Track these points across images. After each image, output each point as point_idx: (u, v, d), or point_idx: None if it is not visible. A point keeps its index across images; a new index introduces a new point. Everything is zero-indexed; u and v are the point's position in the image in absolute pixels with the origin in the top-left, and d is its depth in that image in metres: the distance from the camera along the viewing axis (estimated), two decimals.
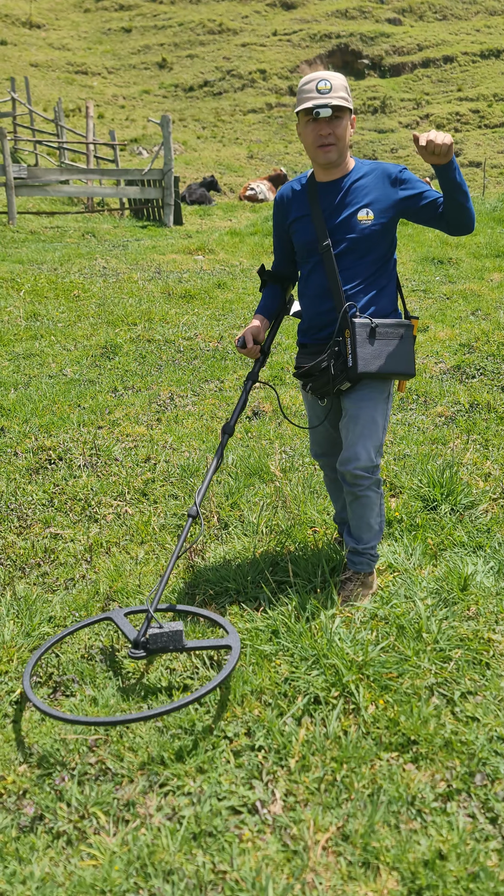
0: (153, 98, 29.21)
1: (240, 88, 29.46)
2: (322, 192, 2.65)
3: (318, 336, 2.74)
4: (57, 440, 4.30)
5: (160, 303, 7.57)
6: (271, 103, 28.21)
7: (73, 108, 25.67)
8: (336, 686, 2.31)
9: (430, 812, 1.93)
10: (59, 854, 1.84)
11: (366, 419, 2.65)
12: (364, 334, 2.57)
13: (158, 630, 2.35)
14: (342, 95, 2.51)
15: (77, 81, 29.54)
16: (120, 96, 29.02)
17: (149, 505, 3.64)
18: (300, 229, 2.70)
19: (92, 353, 6.01)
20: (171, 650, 2.38)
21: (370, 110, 27.24)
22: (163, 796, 2.00)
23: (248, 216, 14.90)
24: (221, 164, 22.34)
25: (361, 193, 2.61)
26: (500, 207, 12.63)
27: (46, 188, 12.78)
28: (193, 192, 17.02)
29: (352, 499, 2.74)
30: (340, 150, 2.57)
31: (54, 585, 3.00)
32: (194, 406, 4.95)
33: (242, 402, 2.80)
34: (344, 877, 1.76)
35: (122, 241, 11.39)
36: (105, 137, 21.36)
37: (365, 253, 2.62)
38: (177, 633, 2.36)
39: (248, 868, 1.78)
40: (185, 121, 27.17)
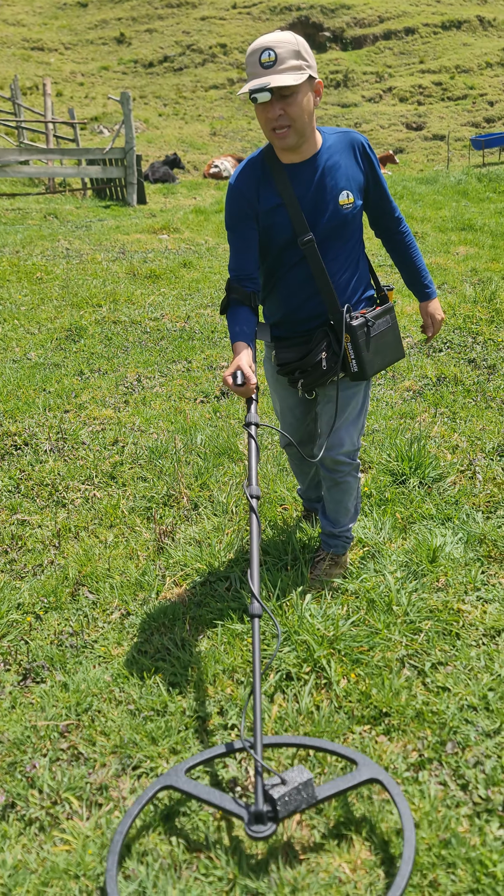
0: (112, 74, 28.68)
1: (200, 64, 29.03)
2: (293, 175, 2.28)
3: (301, 329, 2.50)
4: (22, 425, 4.23)
5: (125, 284, 7.47)
6: (233, 79, 27.86)
7: (31, 86, 25.12)
8: (308, 661, 2.32)
9: (403, 782, 1.95)
10: (32, 841, 1.82)
11: (351, 405, 2.55)
12: (364, 336, 2.41)
13: (284, 789, 1.70)
14: (292, 65, 2.10)
15: (34, 58, 28.89)
16: (78, 73, 28.45)
17: (117, 488, 3.61)
18: (273, 222, 2.33)
19: (56, 336, 5.92)
20: (304, 808, 1.73)
21: (333, 84, 27.01)
22: (136, 779, 1.99)
23: (213, 194, 14.75)
24: (184, 141, 22.05)
25: (338, 173, 2.31)
26: (464, 181, 12.65)
27: (6, 169, 12.51)
28: (156, 170, 16.80)
29: (331, 484, 2.66)
30: (300, 131, 2.19)
31: (22, 572, 2.96)
32: (162, 387, 4.90)
33: (256, 454, 2.24)
34: (318, 849, 1.77)
35: (85, 222, 11.21)
36: (64, 116, 20.95)
37: (348, 238, 2.41)
38: (307, 784, 1.72)
39: (223, 845, 1.78)
40: (146, 98, 26.74)
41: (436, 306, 2.68)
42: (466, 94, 25.05)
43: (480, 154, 19.92)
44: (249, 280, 2.43)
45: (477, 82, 25.52)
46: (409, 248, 2.61)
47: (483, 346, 5.36)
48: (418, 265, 2.63)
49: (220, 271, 8.00)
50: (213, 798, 1.78)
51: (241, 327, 2.38)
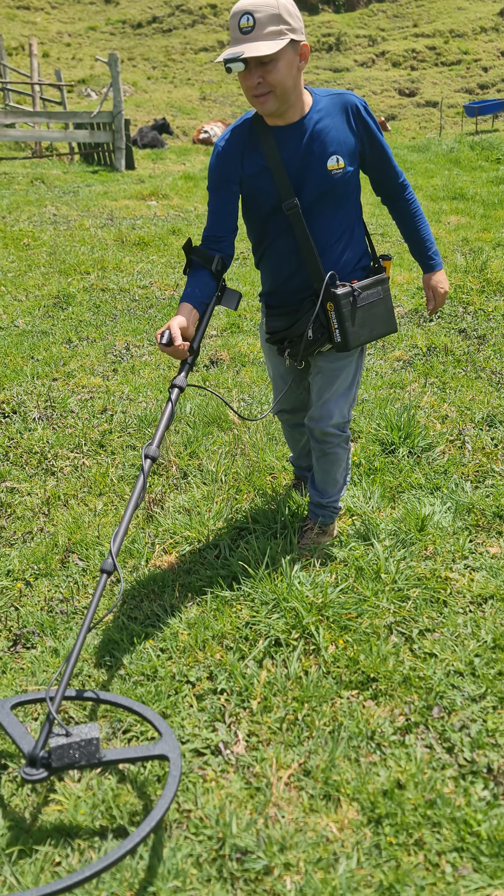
0: (100, 35, 28.05)
1: (190, 25, 28.43)
2: (280, 138, 2.22)
3: (291, 299, 2.47)
4: (10, 393, 4.20)
5: (113, 250, 7.38)
6: (223, 41, 27.31)
7: (16, 46, 24.54)
8: (296, 628, 2.34)
9: (389, 745, 1.98)
10: (24, 802, 1.85)
11: (342, 377, 2.51)
12: (348, 306, 2.34)
13: (65, 740, 1.70)
14: (271, 31, 2.02)
15: (19, 17, 28.17)
16: (65, 33, 27.80)
17: (106, 456, 3.60)
18: (258, 187, 2.28)
19: (44, 304, 5.85)
20: (84, 766, 1.74)
21: (325, 48, 26.55)
22: (126, 742, 2.02)
23: (203, 160, 14.54)
24: (173, 106, 21.66)
25: (328, 137, 2.22)
26: (457, 149, 12.52)
27: None
28: (145, 135, 16.52)
29: (319, 455, 2.65)
30: (281, 97, 2.12)
31: (12, 539, 2.96)
32: (151, 356, 4.87)
33: (168, 418, 2.18)
34: (306, 809, 1.81)
35: (73, 187, 11.03)
36: (51, 77, 20.52)
37: (338, 206, 2.32)
38: (90, 742, 1.72)
39: (212, 806, 1.81)
40: (135, 60, 26.20)
41: (440, 278, 2.58)
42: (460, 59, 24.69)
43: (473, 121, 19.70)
44: (218, 243, 2.39)
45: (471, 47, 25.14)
46: (414, 217, 2.51)
47: (473, 316, 5.35)
48: (423, 234, 2.53)
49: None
50: (16, 734, 1.80)
51: (192, 289, 2.34)
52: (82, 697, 1.97)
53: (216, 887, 1.62)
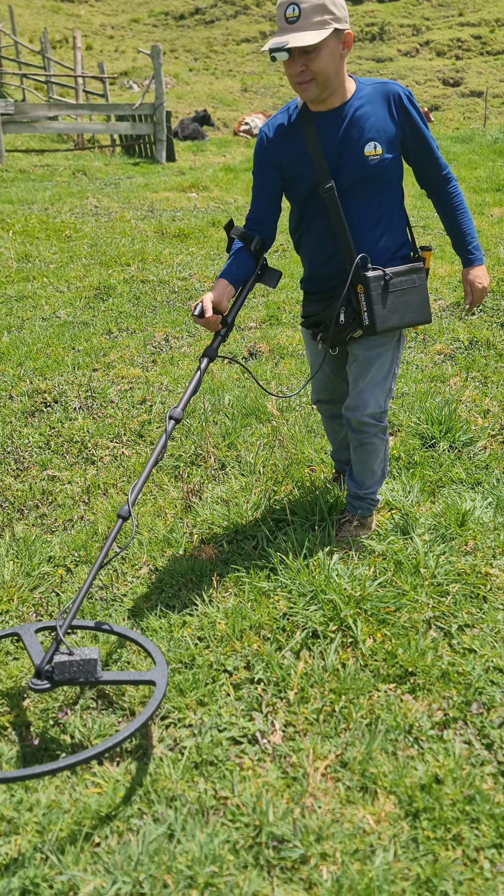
0: (143, 27, 28.13)
1: (232, 16, 28.34)
2: (320, 123, 2.28)
3: (327, 285, 2.51)
4: (52, 383, 4.26)
5: (154, 242, 7.42)
6: (265, 32, 27.18)
7: (60, 39, 24.74)
8: (334, 620, 2.34)
9: (427, 739, 1.97)
10: (65, 783, 1.88)
11: (377, 365, 2.51)
12: (378, 289, 2.35)
13: (67, 658, 1.93)
14: (315, 21, 2.09)
15: (63, 10, 28.40)
16: (108, 25, 27.94)
17: (145, 446, 3.63)
18: (298, 171, 2.35)
19: (85, 295, 5.91)
20: (82, 683, 1.95)
21: (368, 37, 26.25)
22: (164, 728, 2.04)
23: (243, 151, 14.51)
24: (214, 97, 21.64)
25: (367, 123, 2.26)
26: (501, 139, 12.31)
27: (35, 125, 12.40)
28: (186, 127, 16.53)
29: (356, 444, 2.66)
30: (323, 84, 2.19)
31: (53, 526, 3.01)
32: (190, 347, 4.89)
33: (195, 384, 2.33)
34: (342, 801, 1.81)
35: (114, 179, 11.11)
36: (93, 70, 20.64)
37: (375, 191, 2.34)
38: (89, 662, 1.93)
39: (249, 794, 1.82)
40: (177, 52, 26.22)
41: (478, 273, 2.54)
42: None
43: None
44: (258, 225, 2.50)
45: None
46: (456, 210, 2.50)
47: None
48: (463, 228, 2.51)
49: None
50: (33, 651, 2.05)
51: (230, 266, 2.46)
52: (88, 627, 2.23)
53: (252, 874, 1.64)
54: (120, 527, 2.14)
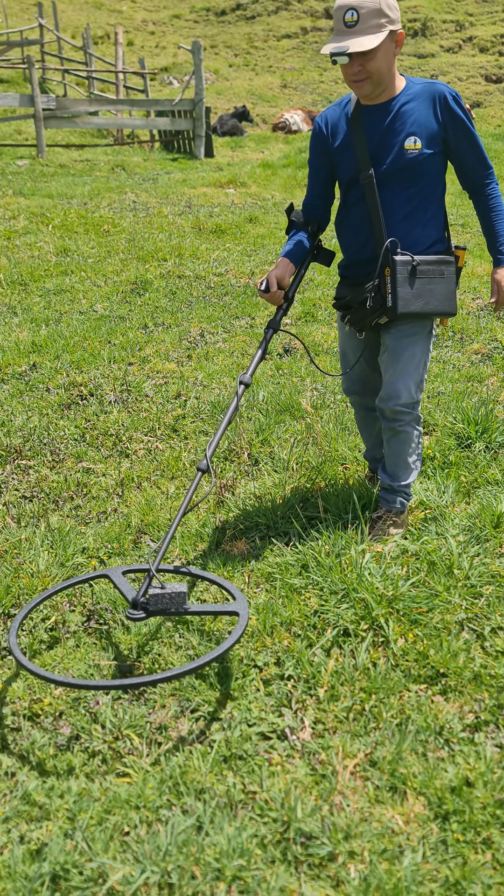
0: (184, 23, 28.18)
1: (273, 11, 28.26)
2: (367, 116, 2.44)
3: (361, 272, 2.61)
4: (88, 376, 4.30)
5: (191, 238, 7.44)
6: (306, 27, 27.06)
7: (102, 35, 24.91)
8: (365, 619, 2.33)
9: (458, 741, 1.95)
10: (95, 771, 1.90)
11: (407, 355, 2.57)
12: (405, 273, 2.43)
13: (159, 591, 2.15)
14: (373, 24, 2.22)
15: (105, 6, 28.58)
16: (150, 21, 28.05)
17: (179, 441, 3.65)
18: (342, 159, 2.51)
19: (122, 289, 5.95)
20: (173, 613, 2.17)
21: (410, 33, 26.00)
22: (194, 721, 2.05)
23: (281, 148, 14.48)
24: (254, 93, 21.62)
25: (409, 119, 2.39)
26: None
27: (75, 120, 12.51)
28: (225, 123, 16.54)
29: (390, 435, 2.70)
30: (377, 82, 2.34)
31: (87, 518, 3.04)
32: (225, 343, 4.90)
33: (262, 352, 2.58)
34: (371, 800, 1.80)
35: (152, 175, 11.16)
36: (134, 66, 20.76)
37: (410, 184, 2.45)
38: (179, 594, 2.16)
39: (278, 790, 1.82)
40: (217, 48, 26.23)
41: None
42: None
43: None
44: (313, 209, 2.70)
45: None
46: (492, 210, 2.55)
47: None
48: (497, 228, 2.56)
49: (286, 227, 7.89)
50: (125, 589, 2.26)
51: (290, 246, 2.66)
52: (175, 570, 2.43)
53: (280, 869, 1.64)
54: (199, 478, 2.38)
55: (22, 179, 10.23)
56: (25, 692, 2.14)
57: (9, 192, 9.28)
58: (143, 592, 2.17)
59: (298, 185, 10.34)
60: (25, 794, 1.83)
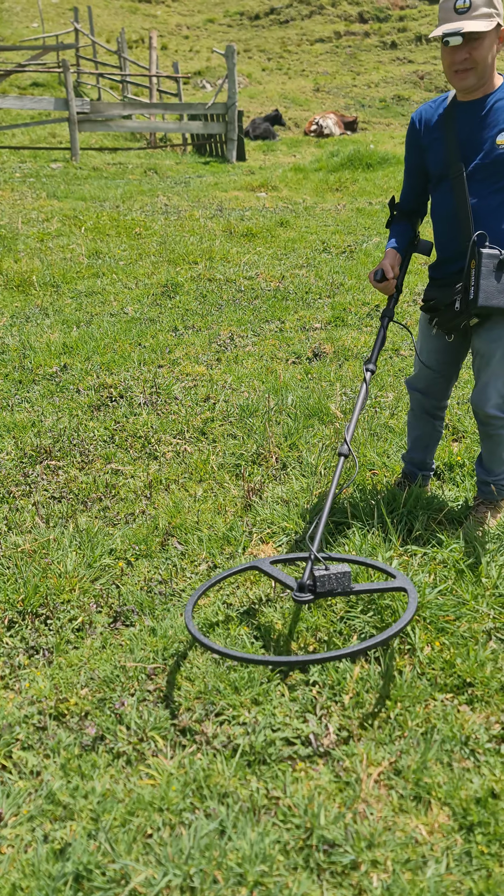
0: (218, 27, 28.32)
1: (307, 16, 28.28)
2: (460, 112, 2.47)
3: (449, 270, 2.63)
4: (118, 378, 4.33)
5: (221, 241, 7.47)
6: (340, 31, 27.03)
7: (137, 39, 25.12)
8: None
9: (484, 752, 1.93)
10: (119, 773, 1.91)
11: (497, 358, 2.58)
12: (491, 265, 2.41)
13: (325, 572, 2.19)
14: (484, 13, 2.27)
15: (140, 10, 28.83)
16: (184, 26, 28.22)
17: (207, 444, 3.66)
18: (432, 154, 2.55)
19: (153, 292, 5.99)
20: (339, 594, 2.21)
21: None
22: (218, 725, 2.05)
23: (313, 151, 14.48)
24: (286, 97, 21.64)
25: (502, 115, 2.40)
26: None
27: (109, 123, 12.63)
28: (257, 126, 16.59)
29: (484, 436, 2.78)
30: (480, 74, 2.37)
31: (115, 519, 3.06)
32: (254, 346, 4.91)
33: (381, 339, 2.69)
34: (395, 809, 1.79)
35: (184, 178, 11.22)
36: (168, 70, 20.90)
37: (501, 178, 2.44)
38: (345, 574, 2.20)
39: (301, 796, 1.82)
40: (251, 51, 26.31)
41: None
42: None
43: None
44: (409, 202, 2.78)
45: None
46: None
47: None
48: None
49: (316, 231, 7.89)
50: (280, 577, 2.31)
51: (394, 238, 2.76)
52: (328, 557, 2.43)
53: (302, 876, 1.63)
54: (342, 464, 2.48)
55: (56, 182, 10.35)
56: (52, 691, 2.16)
57: (42, 195, 9.39)
58: (309, 575, 2.21)
59: (330, 188, 10.33)
60: (50, 794, 1.85)
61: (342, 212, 8.89)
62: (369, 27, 26.98)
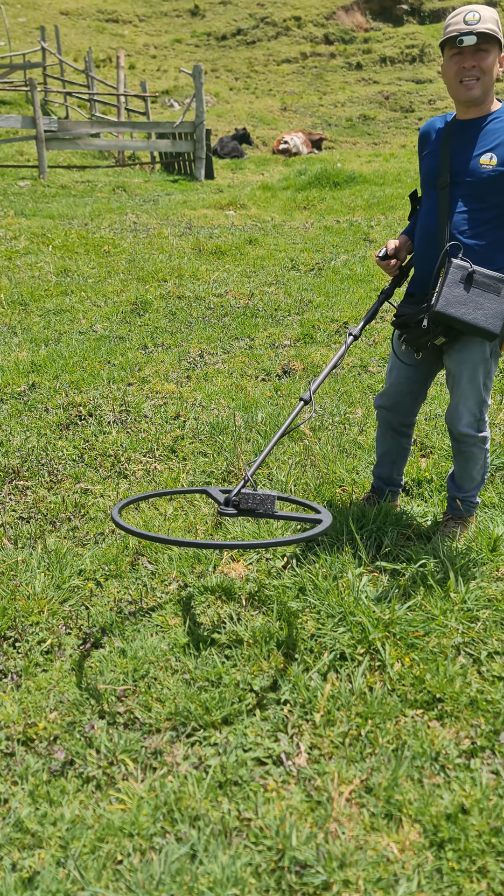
0: (185, 47, 28.56)
1: (274, 37, 28.65)
2: (456, 129, 2.57)
3: (424, 286, 2.67)
4: (87, 396, 4.31)
5: (190, 259, 7.50)
6: (306, 52, 27.43)
7: (104, 58, 25.22)
8: (362, 643, 2.32)
9: (454, 768, 1.94)
10: (89, 798, 1.89)
11: (466, 378, 2.63)
12: (458, 276, 2.45)
13: (251, 491, 2.33)
14: (491, 28, 2.38)
15: (108, 30, 28.98)
16: (151, 45, 28.42)
17: (178, 462, 3.65)
18: (427, 163, 2.65)
19: (122, 310, 5.99)
20: (261, 515, 2.34)
21: (408, 59, 26.35)
22: (189, 746, 2.04)
23: (281, 170, 14.62)
24: (254, 116, 21.87)
25: (492, 137, 2.49)
26: None
27: (77, 141, 12.64)
28: (225, 145, 16.73)
29: (457, 452, 2.82)
30: (484, 87, 2.45)
31: (84, 539, 3.04)
32: (224, 364, 4.92)
33: (372, 312, 2.77)
34: (367, 827, 1.79)
35: (153, 196, 11.26)
36: (136, 89, 21.01)
37: (484, 200, 2.49)
38: (268, 497, 2.32)
39: (273, 816, 1.81)
40: (218, 71, 26.56)
41: None
42: None
43: None
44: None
45: None
46: None
47: None
48: None
49: (285, 249, 7.95)
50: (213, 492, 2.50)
51: (410, 227, 2.84)
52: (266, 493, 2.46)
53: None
54: (301, 408, 2.58)
55: (23, 200, 10.32)
56: (20, 716, 2.13)
57: (10, 213, 9.36)
58: (237, 492, 2.33)
59: (298, 207, 10.43)
60: (18, 822, 1.82)
61: (310, 230, 8.98)
62: (335, 48, 27.42)
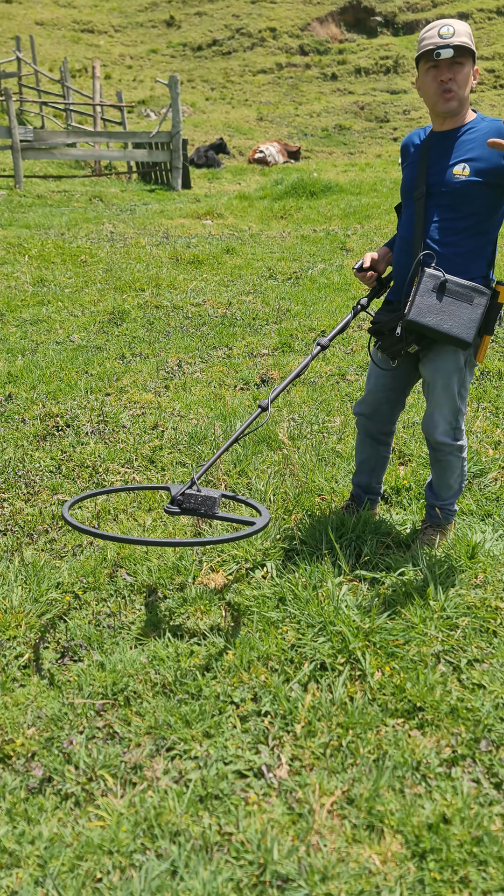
0: (161, 58, 28.63)
1: (249, 48, 28.83)
2: (433, 141, 2.60)
3: (401, 295, 2.69)
4: (64, 407, 4.28)
5: (168, 268, 7.49)
6: (281, 63, 27.62)
7: (80, 69, 25.21)
8: (342, 653, 2.32)
9: (435, 777, 1.94)
10: (68, 815, 1.86)
11: (441, 386, 2.65)
12: (430, 284, 2.48)
13: (194, 492, 2.43)
14: (465, 41, 2.42)
15: (83, 40, 28.97)
16: (127, 56, 28.46)
17: (156, 472, 3.63)
18: (405, 175, 2.68)
19: (99, 320, 5.96)
20: (202, 515, 2.44)
21: (382, 70, 26.63)
22: (169, 760, 2.02)
23: (258, 179, 14.68)
24: (230, 126, 21.96)
25: (466, 148, 2.52)
26: None
27: (53, 151, 12.61)
28: (202, 155, 16.77)
29: (434, 460, 2.83)
30: (461, 99, 2.49)
31: (62, 552, 3.01)
32: (202, 373, 4.91)
33: (344, 323, 2.77)
34: (349, 839, 1.78)
35: (130, 206, 11.25)
36: (112, 99, 21.01)
37: (457, 210, 2.52)
38: (210, 499, 2.42)
39: (254, 830, 1.80)
40: (194, 81, 26.66)
41: None
42: None
43: None
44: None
45: None
46: None
47: None
48: None
49: (262, 258, 7.97)
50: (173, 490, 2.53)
51: (392, 239, 2.84)
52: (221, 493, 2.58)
53: None
54: (258, 414, 2.66)
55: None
56: None
57: None
58: (182, 492, 2.45)
59: (275, 216, 10.47)
60: None
61: (287, 239, 9.01)
62: (310, 59, 27.64)
